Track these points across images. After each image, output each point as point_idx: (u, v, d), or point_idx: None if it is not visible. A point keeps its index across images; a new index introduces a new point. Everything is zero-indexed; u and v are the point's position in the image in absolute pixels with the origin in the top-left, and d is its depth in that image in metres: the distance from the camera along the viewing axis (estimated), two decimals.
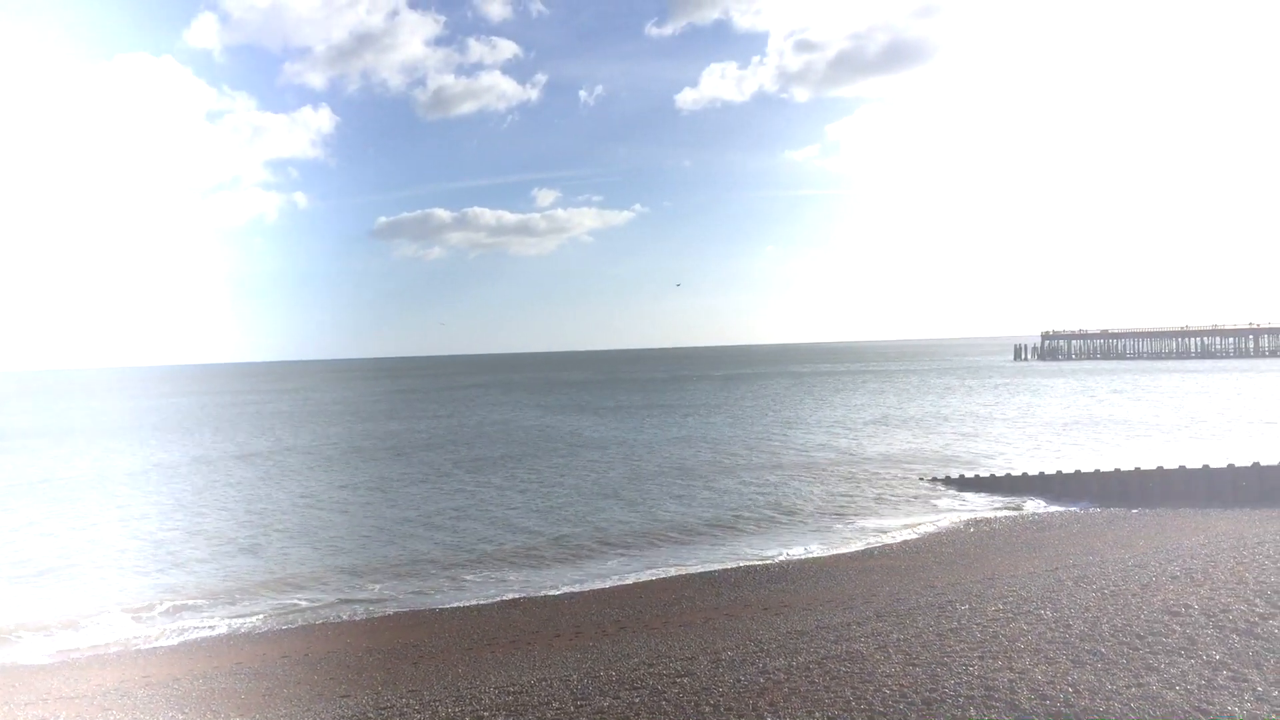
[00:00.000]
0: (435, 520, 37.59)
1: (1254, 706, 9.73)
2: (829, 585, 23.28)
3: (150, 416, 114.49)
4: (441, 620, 23.19)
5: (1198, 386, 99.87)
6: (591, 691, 11.86)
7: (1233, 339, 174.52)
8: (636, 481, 46.77)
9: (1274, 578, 13.76)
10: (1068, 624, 12.41)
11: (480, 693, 13.05)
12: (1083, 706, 9.68)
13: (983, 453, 53.99)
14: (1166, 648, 11.36)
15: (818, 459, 53.21)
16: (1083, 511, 34.17)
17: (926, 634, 12.74)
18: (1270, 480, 33.63)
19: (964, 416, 77.30)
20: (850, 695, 10.20)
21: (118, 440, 79.45)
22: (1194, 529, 25.94)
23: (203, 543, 34.27)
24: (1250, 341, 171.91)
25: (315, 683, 17.13)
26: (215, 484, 50.19)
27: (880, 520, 35.27)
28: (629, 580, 27.22)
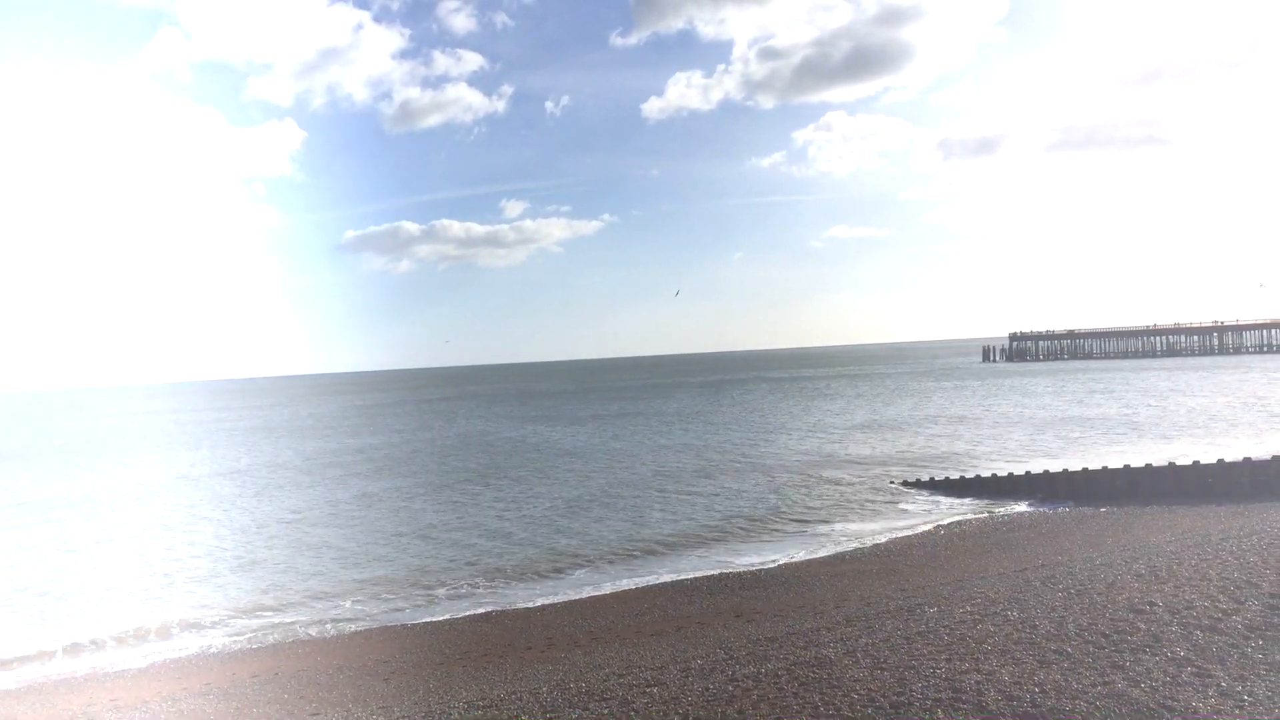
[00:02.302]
0: (408, 535, 37.35)
1: (1218, 702, 9.82)
2: (801, 591, 23.31)
3: (121, 435, 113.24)
4: (413, 635, 23.03)
5: (1164, 385, 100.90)
6: (561, 704, 11.81)
7: (1197, 337, 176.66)
8: (612, 491, 46.69)
9: (1237, 574, 13.91)
10: (1034, 624, 12.49)
11: (450, 707, 12.97)
12: (1049, 706, 9.73)
13: (955, 454, 54.28)
14: (1132, 646, 11.45)
15: (791, 464, 53.30)
16: (1052, 511, 34.41)
17: (895, 638, 12.78)
18: (1235, 477, 34.02)
19: (935, 419, 77.71)
20: (818, 701, 10.21)
21: (94, 460, 78.53)
22: (1161, 527, 26.19)
23: (172, 563, 33.89)
24: (1214, 339, 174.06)
25: (284, 701, 16.96)
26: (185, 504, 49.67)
27: (853, 524, 35.38)
28: (603, 591, 27.14)
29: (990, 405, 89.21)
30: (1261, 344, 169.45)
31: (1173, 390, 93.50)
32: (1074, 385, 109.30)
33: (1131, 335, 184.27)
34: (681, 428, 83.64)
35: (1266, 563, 14.28)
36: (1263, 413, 67.46)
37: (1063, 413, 76.51)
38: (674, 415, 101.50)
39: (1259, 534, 16.81)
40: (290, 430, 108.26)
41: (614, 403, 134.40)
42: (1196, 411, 70.90)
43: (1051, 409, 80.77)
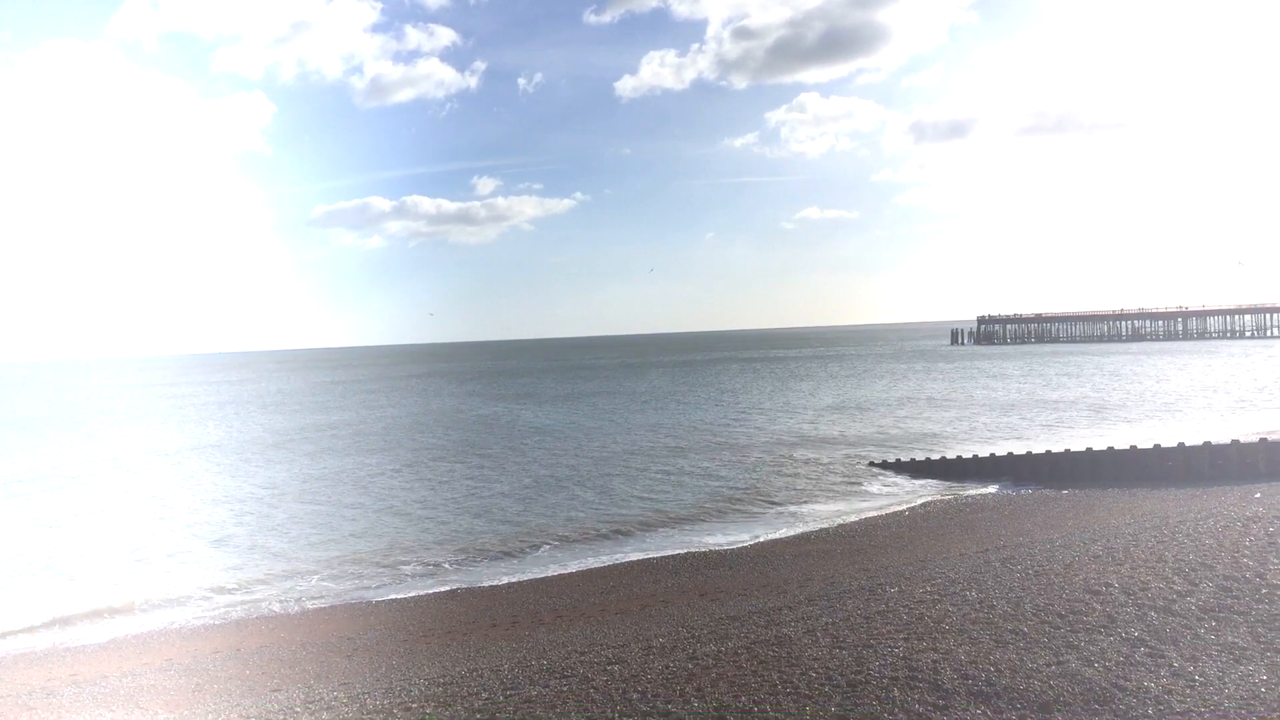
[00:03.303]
0: (377, 511, 37.27)
1: (1170, 682, 9.96)
2: (766, 570, 23.45)
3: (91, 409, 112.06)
4: (378, 612, 23.01)
5: (1129, 369, 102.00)
6: (521, 681, 11.84)
7: (1162, 322, 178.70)
8: (582, 470, 46.74)
9: (1192, 556, 14.10)
10: (992, 604, 12.62)
11: (411, 684, 12.97)
12: (1004, 685, 9.85)
13: (923, 435, 54.71)
14: (1087, 626, 11.59)
15: (762, 444, 53.53)
16: (1015, 493, 34.77)
17: (855, 617, 12.88)
18: (1195, 460, 34.47)
19: (905, 400, 78.23)
20: (776, 679, 10.28)
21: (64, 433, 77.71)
22: (1120, 509, 26.52)
23: (142, 538, 33.65)
24: (1179, 324, 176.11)
25: (246, 677, 16.91)
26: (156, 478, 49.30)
27: (821, 505, 35.61)
28: (569, 569, 27.20)
29: (959, 387, 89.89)
30: (1225, 329, 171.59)
31: (1137, 374, 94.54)
32: (1041, 368, 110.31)
33: (1098, 319, 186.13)
34: (654, 407, 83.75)
35: (1222, 545, 14.48)
36: (1225, 397, 68.37)
37: (1029, 395, 77.22)
38: (646, 394, 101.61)
39: (1215, 517, 17.05)
40: (262, 405, 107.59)
41: (585, 382, 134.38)
42: (1160, 395, 71.76)
43: (1018, 391, 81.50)
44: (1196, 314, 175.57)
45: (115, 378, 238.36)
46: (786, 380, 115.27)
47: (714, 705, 9.54)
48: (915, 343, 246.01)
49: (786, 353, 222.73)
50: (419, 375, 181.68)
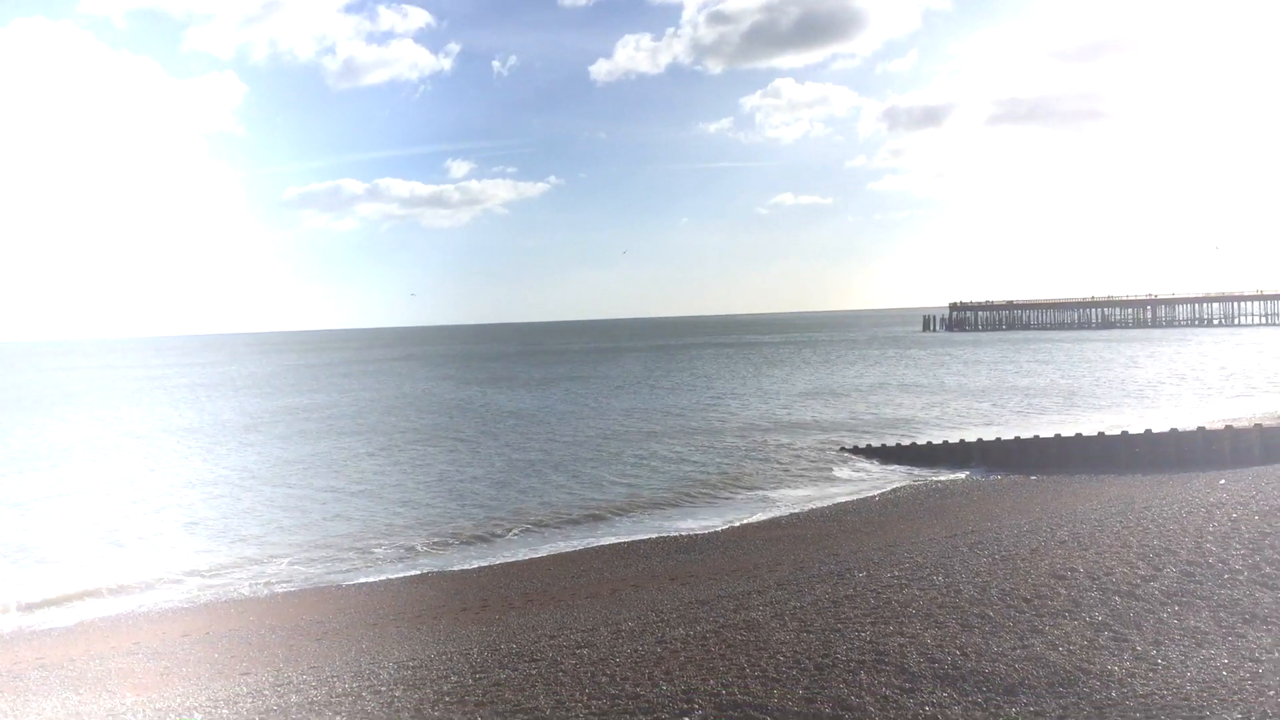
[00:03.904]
0: (349, 495, 37.10)
1: (1132, 665, 10.09)
2: (736, 555, 23.54)
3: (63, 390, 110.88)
4: (348, 596, 22.95)
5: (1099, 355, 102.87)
6: (490, 664, 11.85)
7: (1131, 309, 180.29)
8: (556, 455, 46.70)
9: (1156, 541, 14.26)
10: (958, 589, 12.72)
11: (380, 667, 12.96)
12: (969, 668, 9.95)
13: (895, 421, 55.00)
14: (1052, 610, 11.72)
15: (735, 429, 53.65)
16: (985, 479, 35.03)
17: (823, 601, 12.97)
18: (1161, 447, 34.85)
19: (877, 386, 78.60)
20: (744, 662, 10.34)
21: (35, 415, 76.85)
22: (1088, 495, 26.77)
23: (113, 521, 33.39)
24: (1148, 312, 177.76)
25: (215, 661, 16.84)
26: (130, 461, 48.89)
27: (792, 490, 35.75)
28: (540, 553, 27.20)
29: (931, 374, 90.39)
30: (1193, 317, 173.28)
31: (1107, 361, 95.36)
32: (1012, 355, 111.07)
33: (1068, 307, 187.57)
34: (628, 392, 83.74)
35: (1185, 531, 14.66)
36: (1193, 384, 69.11)
37: (1000, 382, 77.76)
38: (620, 379, 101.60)
39: (1180, 503, 17.24)
40: (234, 388, 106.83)
41: (559, 366, 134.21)
42: (1129, 382, 72.44)
43: (989, 378, 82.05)
44: (1165, 302, 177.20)
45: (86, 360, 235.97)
46: (761, 366, 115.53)
47: (682, 688, 9.59)
48: (887, 329, 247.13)
49: (761, 338, 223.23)
50: (392, 359, 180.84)
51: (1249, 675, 9.22)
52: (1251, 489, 18.70)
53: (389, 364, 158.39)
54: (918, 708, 9.07)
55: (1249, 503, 16.35)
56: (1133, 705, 8.78)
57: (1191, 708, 8.39)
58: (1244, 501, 16.53)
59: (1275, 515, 15.14)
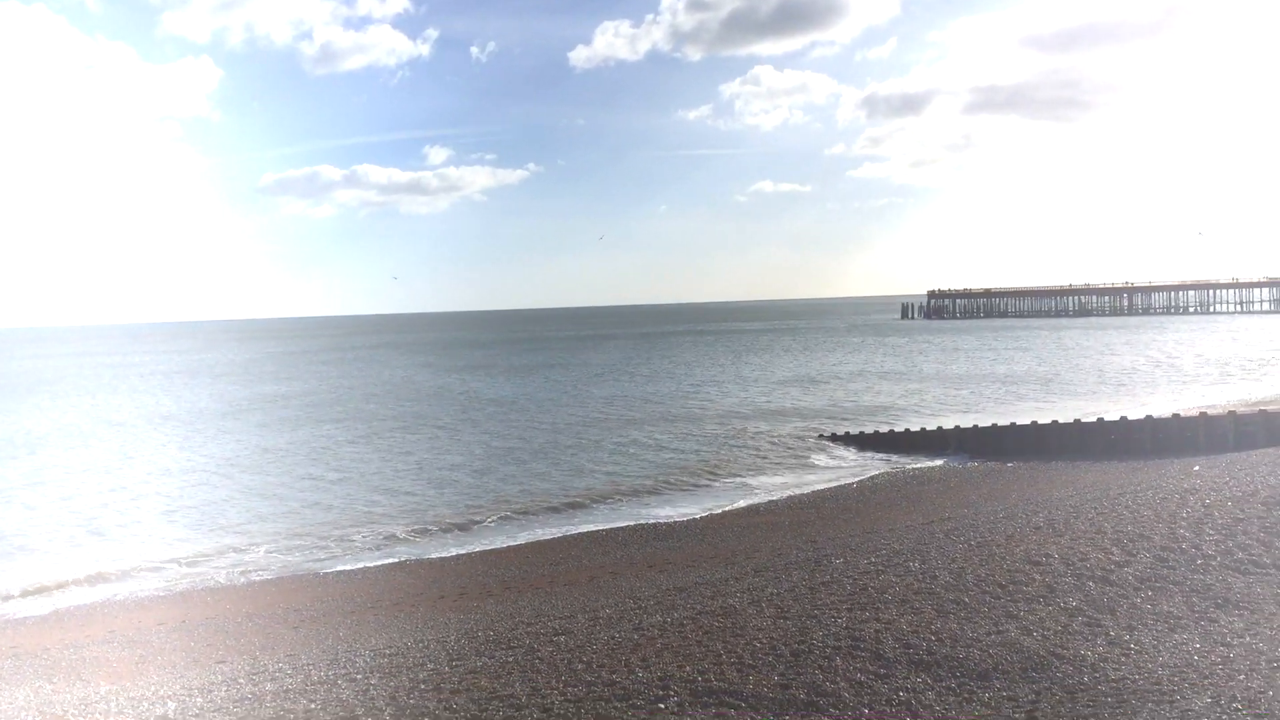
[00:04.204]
0: (324, 484, 36.96)
1: (1105, 650, 10.16)
2: (714, 542, 23.59)
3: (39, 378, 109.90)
4: (325, 584, 22.87)
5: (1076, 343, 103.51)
6: (468, 652, 11.83)
7: (1108, 297, 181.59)
8: (535, 442, 46.64)
9: (1131, 527, 14.36)
10: (934, 575, 12.78)
11: (356, 655, 12.92)
12: (944, 654, 9.99)
13: (874, 408, 55.21)
14: (1027, 596, 11.78)
15: (715, 417, 53.72)
16: (962, 466, 35.20)
17: (799, 588, 13.00)
18: (1136, 434, 35.11)
19: (856, 374, 78.87)
20: (721, 649, 10.36)
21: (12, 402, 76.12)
22: (1063, 481, 26.95)
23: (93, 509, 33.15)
24: (1124, 300, 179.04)
25: (191, 649, 16.75)
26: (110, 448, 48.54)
27: (771, 477, 35.83)
28: (519, 541, 27.16)
29: (909, 361, 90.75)
30: (1169, 305, 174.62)
31: (1084, 348, 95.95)
32: (990, 342, 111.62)
33: (1046, 295, 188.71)
34: (608, 380, 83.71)
35: (1159, 517, 14.77)
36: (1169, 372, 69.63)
37: (978, 369, 78.15)
38: (600, 367, 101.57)
39: (1154, 489, 17.38)
40: (212, 375, 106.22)
41: (539, 354, 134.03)
42: (1105, 369, 72.92)
43: (967, 365, 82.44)
44: (1142, 290, 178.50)
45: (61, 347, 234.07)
46: (741, 353, 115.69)
47: (658, 675, 9.60)
48: (866, 317, 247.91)
49: (741, 326, 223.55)
50: (371, 346, 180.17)
51: (1220, 659, 9.29)
52: (1225, 475, 18.86)
53: (367, 351, 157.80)
54: (892, 693, 9.10)
55: (1222, 489, 16.49)
56: (1105, 689, 8.84)
57: (1163, 691, 8.46)
58: (1217, 488, 16.68)
59: (1248, 501, 15.28)
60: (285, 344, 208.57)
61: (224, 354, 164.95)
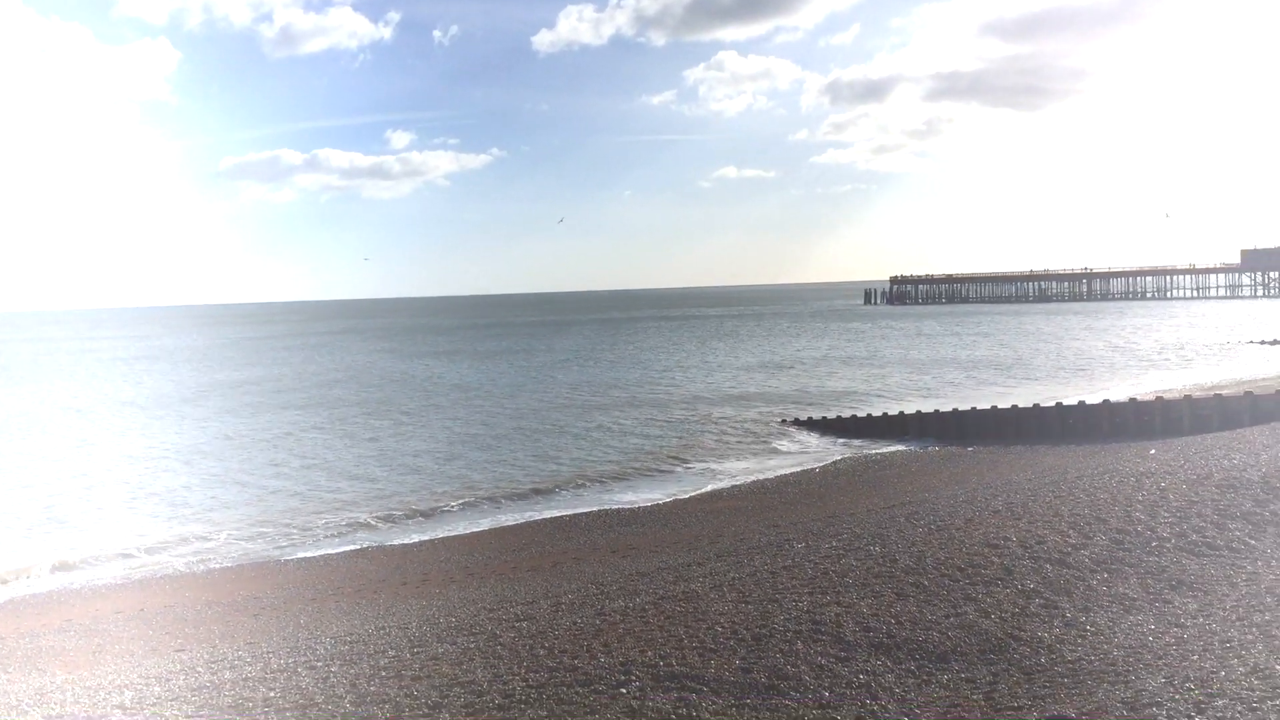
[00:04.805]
0: (287, 470, 36.67)
1: (1062, 632, 10.27)
2: (678, 527, 23.65)
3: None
4: (286, 571, 22.72)
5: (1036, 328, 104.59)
6: (429, 638, 11.79)
7: (1067, 283, 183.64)
8: (499, 428, 46.53)
9: (1087, 510, 14.53)
10: (895, 559, 12.87)
11: (317, 643, 12.84)
12: (904, 637, 10.07)
13: (837, 393, 55.54)
14: (985, 578, 11.89)
15: (679, 402, 53.83)
16: (923, 450, 35.49)
17: (761, 572, 13.05)
18: (1094, 418, 35.55)
19: (821, 359, 79.28)
20: (683, 633, 10.38)
21: None
22: (1023, 465, 27.23)
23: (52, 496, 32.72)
24: (1083, 285, 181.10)
25: (149, 638, 16.58)
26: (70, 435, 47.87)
27: (734, 462, 35.96)
28: (481, 527, 27.11)
29: (873, 346, 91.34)
30: (1127, 290, 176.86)
31: (1044, 333, 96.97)
32: (952, 327, 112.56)
33: (1006, 281, 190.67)
34: (573, 365, 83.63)
35: (1115, 500, 14.94)
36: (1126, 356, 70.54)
37: (940, 354, 78.82)
38: (566, 352, 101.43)
39: (1111, 472, 17.59)
40: (173, 361, 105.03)
41: (504, 339, 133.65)
42: (1064, 354, 73.76)
43: (930, 351, 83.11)
44: (1100, 275, 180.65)
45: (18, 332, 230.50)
46: (706, 339, 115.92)
47: (620, 660, 9.60)
48: (829, 302, 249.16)
49: (706, 311, 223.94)
50: (334, 331, 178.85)
51: (1174, 640, 9.42)
52: (1180, 458, 19.12)
53: (330, 337, 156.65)
54: (852, 676, 9.16)
55: (1177, 472, 16.71)
56: (1061, 671, 8.94)
57: (1118, 672, 8.57)
58: (1172, 471, 16.90)
59: (1202, 484, 15.50)
60: (247, 329, 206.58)
61: (185, 339, 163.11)
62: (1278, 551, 12.65)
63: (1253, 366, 58.27)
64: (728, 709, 8.43)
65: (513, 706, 8.50)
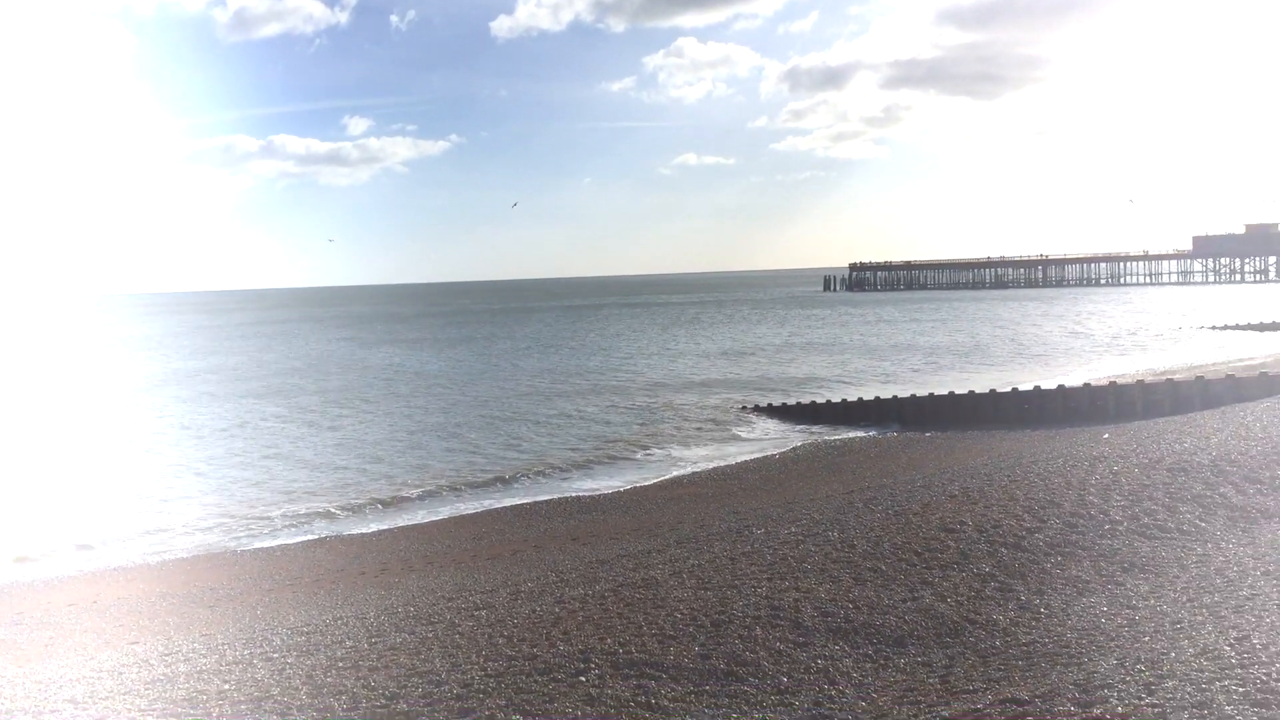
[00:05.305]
0: (244, 459, 36.24)
1: (1016, 615, 10.40)
2: (638, 515, 23.66)
3: None
4: (242, 562, 22.48)
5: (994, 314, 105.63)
6: (387, 628, 11.72)
7: (1023, 269, 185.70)
8: (459, 416, 46.27)
9: (1042, 494, 14.70)
10: (852, 544, 12.96)
11: (274, 634, 12.73)
12: (861, 621, 10.15)
13: (797, 380, 55.78)
14: (941, 563, 12.01)
15: (639, 389, 53.83)
16: (882, 436, 35.73)
17: (721, 559, 13.09)
18: (1049, 403, 35.99)
19: (781, 346, 79.63)
20: (642, 620, 10.39)
21: None
22: (979, 450, 27.49)
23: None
24: (1039, 272, 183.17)
25: (102, 630, 16.35)
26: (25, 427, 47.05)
27: (695, 449, 36.02)
28: (441, 516, 26.96)
29: (832, 333, 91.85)
30: (1081, 277, 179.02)
31: (1001, 319, 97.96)
32: (911, 314, 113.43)
33: (964, 268, 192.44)
34: (538, 353, 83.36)
35: (1069, 484, 15.13)
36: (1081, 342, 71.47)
37: (898, 340, 79.45)
38: (527, 340, 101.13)
39: (1065, 457, 17.80)
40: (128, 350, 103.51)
41: (464, 327, 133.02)
42: (1021, 340, 74.59)
43: (888, 337, 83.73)
44: (1055, 262, 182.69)
45: None
46: (667, 326, 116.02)
47: (579, 648, 9.60)
48: (789, 289, 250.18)
49: (667, 298, 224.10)
50: (292, 320, 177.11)
51: (1126, 622, 9.56)
52: (1132, 443, 19.38)
53: (288, 325, 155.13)
54: (810, 660, 9.22)
55: (1129, 456, 16.94)
56: (1015, 653, 9.04)
57: (1071, 654, 8.67)
58: (1125, 455, 17.13)
59: (1154, 468, 15.72)
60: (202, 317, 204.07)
61: (140, 328, 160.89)
62: (1228, 534, 12.87)
63: (1204, 351, 59.21)
64: (686, 695, 8.45)
65: (471, 696, 8.47)
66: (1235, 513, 13.80)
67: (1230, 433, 19.15)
